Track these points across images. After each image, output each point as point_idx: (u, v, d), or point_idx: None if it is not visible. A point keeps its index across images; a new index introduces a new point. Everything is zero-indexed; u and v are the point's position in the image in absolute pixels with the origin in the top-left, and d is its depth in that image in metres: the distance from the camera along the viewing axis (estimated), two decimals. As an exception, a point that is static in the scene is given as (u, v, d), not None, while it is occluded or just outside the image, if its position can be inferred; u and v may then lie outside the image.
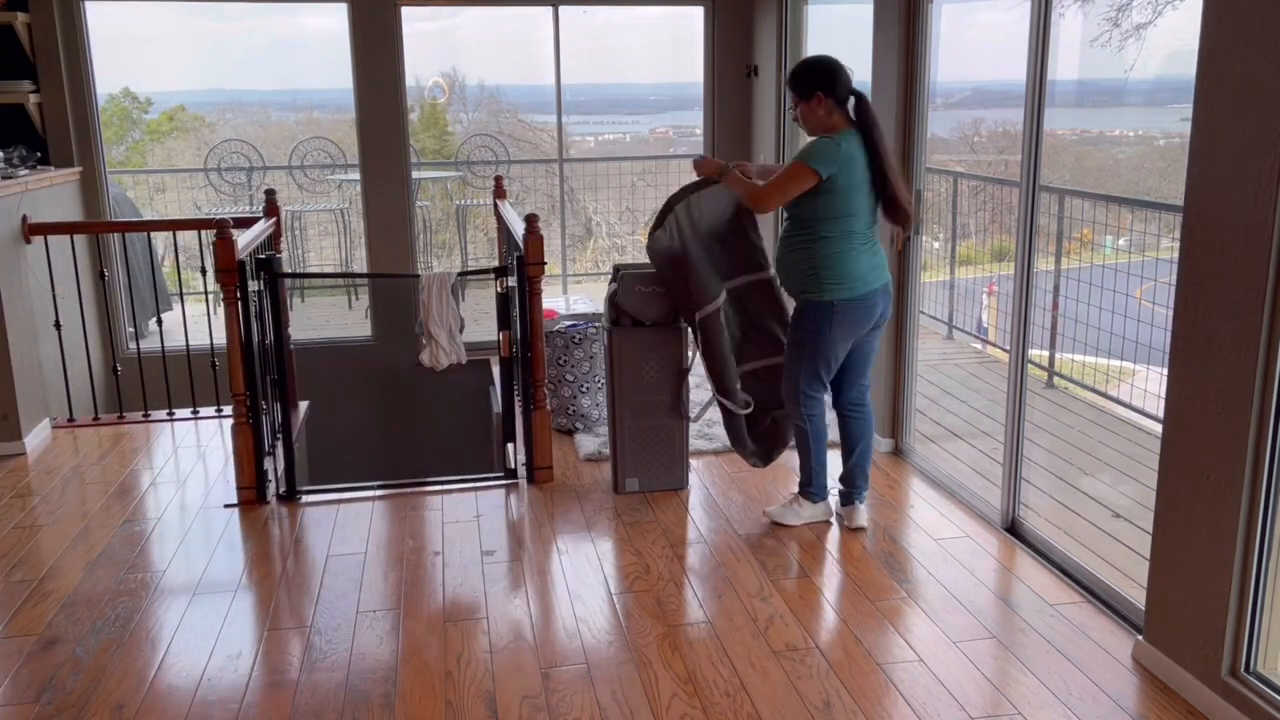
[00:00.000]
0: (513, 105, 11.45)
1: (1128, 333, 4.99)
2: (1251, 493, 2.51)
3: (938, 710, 2.69)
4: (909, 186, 4.03)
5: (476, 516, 3.98)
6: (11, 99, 5.41)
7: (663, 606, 3.25)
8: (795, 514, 3.83)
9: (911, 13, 4.20)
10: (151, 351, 5.86)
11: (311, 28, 15.14)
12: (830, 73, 3.47)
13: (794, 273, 3.59)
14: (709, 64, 6.36)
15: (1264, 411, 2.46)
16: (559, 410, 4.91)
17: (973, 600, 3.26)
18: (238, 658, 2.98)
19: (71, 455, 4.72)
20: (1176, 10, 4.49)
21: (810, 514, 3.83)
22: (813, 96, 3.46)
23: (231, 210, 7.69)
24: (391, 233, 6.17)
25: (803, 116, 3.53)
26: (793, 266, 3.59)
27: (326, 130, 9.45)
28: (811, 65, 3.52)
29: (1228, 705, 2.58)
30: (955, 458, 4.73)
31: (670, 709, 2.70)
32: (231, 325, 3.94)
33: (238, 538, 3.82)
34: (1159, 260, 5.06)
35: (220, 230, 3.90)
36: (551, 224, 7.73)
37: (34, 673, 2.91)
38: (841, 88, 3.48)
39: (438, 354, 4.17)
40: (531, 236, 4.09)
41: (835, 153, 3.38)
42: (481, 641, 3.05)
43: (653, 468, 4.15)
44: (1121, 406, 5.20)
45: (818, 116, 3.49)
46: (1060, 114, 5.38)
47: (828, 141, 3.42)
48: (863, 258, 3.51)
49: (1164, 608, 2.81)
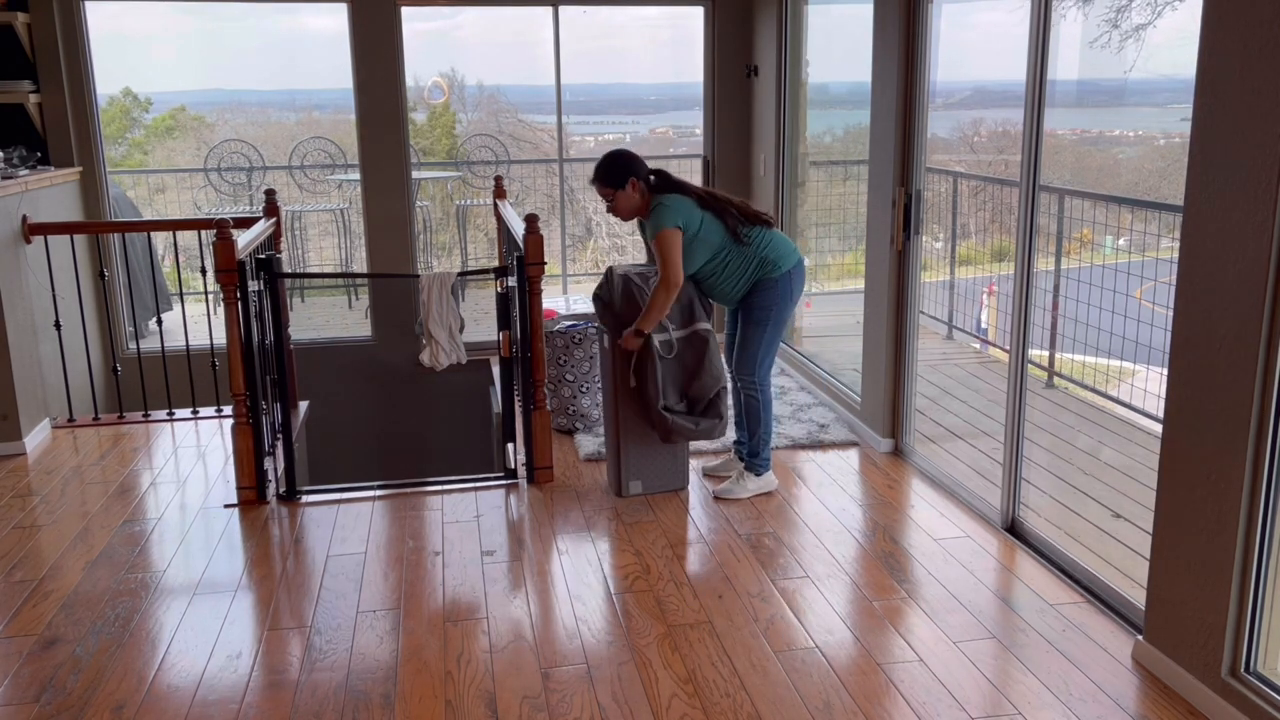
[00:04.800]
0: (513, 105, 11.45)
1: (1128, 333, 4.98)
2: (1251, 493, 2.51)
3: (938, 710, 2.69)
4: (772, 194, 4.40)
5: (476, 516, 3.98)
6: (11, 99, 5.41)
7: (663, 606, 3.25)
8: (744, 488, 4.11)
9: (911, 13, 4.20)
10: (151, 351, 5.87)
11: (311, 28, 15.14)
12: (636, 161, 3.95)
13: (738, 283, 3.97)
14: (709, 64, 6.36)
15: (1264, 411, 2.46)
16: (559, 410, 4.91)
17: (973, 600, 3.26)
18: (238, 658, 2.98)
19: (71, 455, 4.72)
20: (1176, 10, 4.49)
21: (755, 486, 4.12)
22: (626, 184, 3.90)
23: (231, 210, 7.69)
24: (391, 233, 6.17)
25: (620, 204, 3.94)
26: (734, 282, 3.96)
27: (326, 130, 9.45)
28: (618, 158, 3.95)
29: (1228, 705, 2.58)
30: (955, 458, 4.72)
31: (670, 709, 2.70)
32: (231, 325, 3.94)
33: (238, 538, 3.82)
34: (1159, 260, 5.05)
35: (220, 230, 3.90)
36: (551, 224, 7.73)
37: (34, 673, 2.91)
38: (644, 169, 3.95)
39: (438, 354, 4.17)
40: (531, 236, 4.09)
41: (671, 208, 3.83)
42: (481, 641, 3.05)
43: (655, 469, 4.15)
44: (1121, 406, 5.20)
45: (634, 201, 3.93)
46: (1060, 114, 5.38)
47: (657, 208, 3.85)
48: (777, 240, 3.97)
49: (1164, 608, 2.81)
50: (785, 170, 5.93)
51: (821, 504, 4.05)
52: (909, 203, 4.33)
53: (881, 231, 4.49)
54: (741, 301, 4.03)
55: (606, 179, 3.92)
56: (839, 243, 6.42)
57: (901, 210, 4.34)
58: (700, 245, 3.88)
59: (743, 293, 4.00)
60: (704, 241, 3.87)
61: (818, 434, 4.80)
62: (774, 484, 4.20)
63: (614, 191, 3.92)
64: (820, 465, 4.47)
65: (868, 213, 4.64)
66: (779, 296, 3.95)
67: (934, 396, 5.67)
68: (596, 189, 3.98)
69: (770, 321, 3.97)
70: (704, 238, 3.87)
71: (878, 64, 4.43)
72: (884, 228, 4.47)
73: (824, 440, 4.74)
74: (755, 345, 4.01)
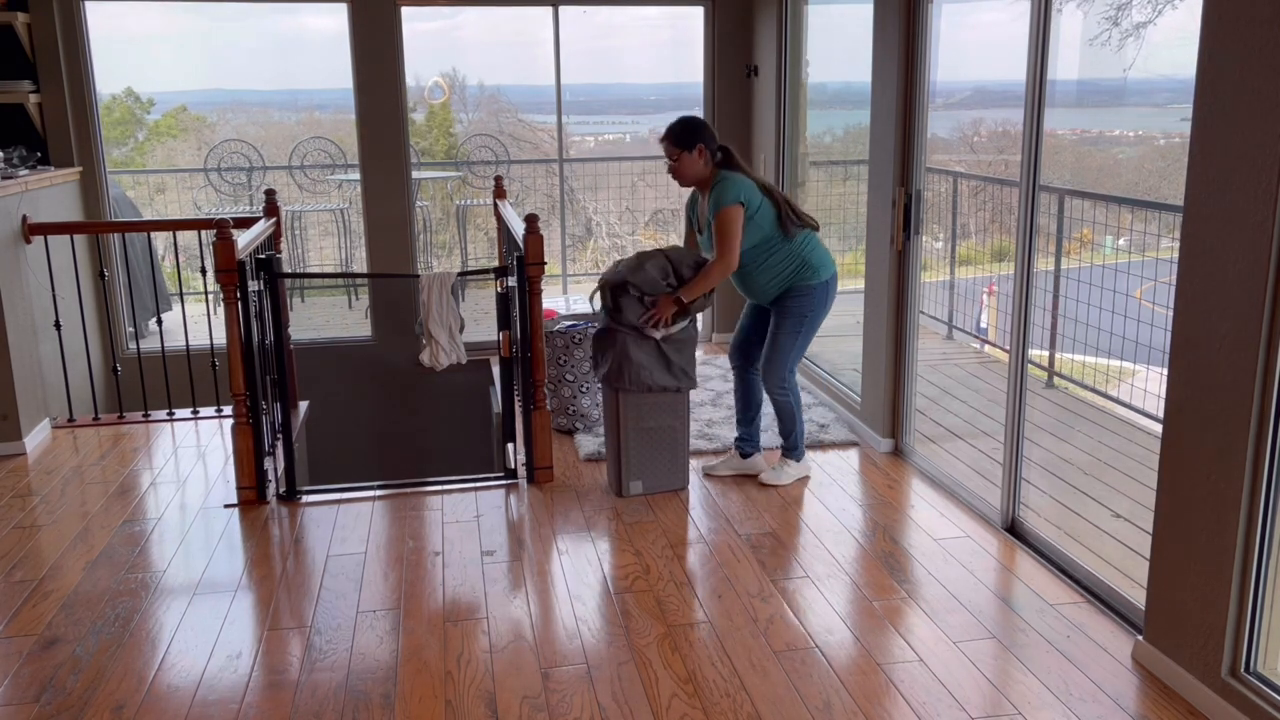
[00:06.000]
0: (513, 105, 11.45)
1: (1128, 333, 4.98)
2: (1251, 493, 2.51)
3: (938, 710, 2.69)
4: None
5: (476, 516, 3.98)
6: (11, 99, 5.41)
7: (663, 606, 3.25)
8: (787, 474, 4.25)
9: (911, 13, 4.19)
10: (151, 351, 5.86)
11: (311, 28, 15.15)
12: (708, 129, 4.03)
13: (774, 279, 4.02)
14: (709, 64, 6.36)
15: (1264, 411, 2.46)
16: (559, 410, 4.91)
17: (973, 600, 3.26)
18: (238, 658, 2.98)
19: (71, 455, 4.72)
20: (1176, 10, 4.49)
21: (795, 471, 4.27)
22: (694, 149, 3.96)
23: (231, 210, 7.69)
24: (391, 233, 6.17)
25: (684, 166, 3.99)
26: (771, 276, 4.02)
27: (326, 130, 9.45)
28: (691, 122, 4.01)
29: (1228, 705, 2.58)
30: (955, 458, 4.72)
31: (670, 709, 2.70)
32: (231, 325, 3.94)
33: (238, 538, 3.82)
34: (1159, 260, 5.05)
35: (220, 230, 3.90)
36: (551, 224, 7.73)
37: (34, 673, 2.91)
38: (714, 142, 4.02)
39: (438, 354, 4.17)
40: (531, 236, 4.09)
41: (736, 183, 3.91)
42: (481, 641, 3.05)
43: (656, 469, 4.15)
44: (1121, 406, 5.20)
45: (697, 167, 3.98)
46: (1060, 114, 5.38)
47: (723, 180, 3.93)
48: (819, 247, 4.06)
49: (1164, 608, 2.81)
50: (785, 170, 5.92)
51: (821, 504, 4.05)
52: (909, 203, 4.33)
53: (881, 231, 4.49)
54: (774, 303, 4.07)
55: (677, 139, 3.97)
56: (839, 243, 6.41)
57: (901, 210, 4.34)
58: (752, 228, 3.92)
59: (776, 292, 4.04)
60: (757, 225, 3.92)
61: (818, 434, 4.80)
62: (809, 468, 4.35)
63: (680, 153, 3.96)
64: (820, 465, 4.47)
65: (868, 213, 4.64)
66: (815, 304, 4.03)
67: (934, 396, 5.67)
68: (664, 147, 4.01)
69: (804, 330, 4.05)
70: (758, 221, 3.91)
71: (878, 64, 4.43)
72: (884, 228, 4.47)
73: (824, 440, 4.74)
74: (787, 351, 4.07)
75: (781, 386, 4.12)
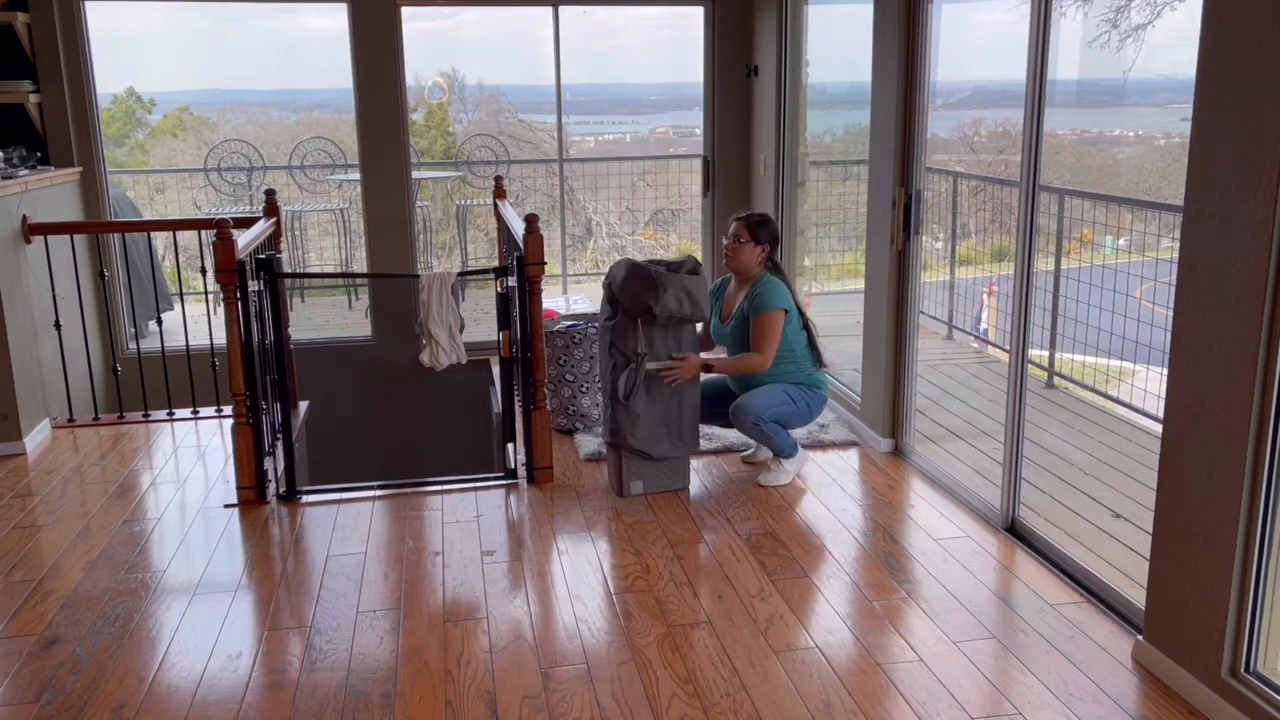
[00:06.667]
0: (513, 105, 11.45)
1: (1128, 333, 4.99)
2: (1251, 493, 2.51)
3: (938, 710, 2.69)
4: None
5: (476, 516, 3.98)
6: (11, 99, 5.41)
7: (663, 606, 3.25)
8: (785, 473, 4.26)
9: (911, 13, 4.19)
10: (151, 351, 5.86)
11: (311, 28, 15.15)
12: (778, 233, 4.33)
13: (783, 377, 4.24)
14: (709, 64, 6.36)
15: (1264, 411, 2.46)
16: (559, 410, 4.91)
17: (973, 600, 3.26)
18: (238, 658, 2.98)
19: (71, 455, 4.72)
20: (1175, 10, 4.49)
21: (793, 467, 4.29)
22: (762, 244, 4.23)
23: (231, 210, 7.69)
24: (391, 233, 6.17)
25: (745, 255, 4.23)
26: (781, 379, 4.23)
27: (326, 130, 9.45)
28: (770, 221, 4.28)
29: (1228, 705, 2.58)
30: (955, 458, 4.73)
31: (670, 709, 2.70)
32: (231, 325, 3.94)
33: (238, 538, 3.82)
34: (1159, 260, 5.06)
35: (220, 230, 3.90)
36: (551, 224, 7.73)
37: (34, 673, 2.91)
38: (778, 246, 4.33)
39: (438, 354, 4.17)
40: (531, 236, 4.09)
41: (783, 291, 4.19)
42: (481, 641, 3.05)
43: (655, 469, 4.15)
44: (1121, 406, 5.20)
45: (754, 260, 4.24)
46: (1060, 114, 5.38)
47: (770, 284, 4.19)
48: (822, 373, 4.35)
49: (1164, 608, 2.81)
50: (785, 170, 5.92)
51: (822, 504, 4.05)
52: (909, 203, 4.33)
53: (881, 231, 4.49)
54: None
55: (753, 230, 4.23)
56: (839, 243, 6.42)
57: (901, 210, 4.34)
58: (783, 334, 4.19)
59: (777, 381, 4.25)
60: (786, 337, 4.19)
61: (818, 434, 4.80)
62: (807, 458, 4.42)
63: (752, 244, 4.22)
64: (820, 465, 4.47)
65: (868, 213, 4.64)
66: (808, 399, 4.26)
67: (934, 396, 5.67)
68: (736, 227, 4.25)
69: (791, 403, 4.20)
70: (788, 333, 4.19)
71: (878, 64, 4.43)
72: (884, 228, 4.47)
73: (824, 440, 4.74)
74: (769, 399, 4.16)
75: (755, 423, 4.14)
